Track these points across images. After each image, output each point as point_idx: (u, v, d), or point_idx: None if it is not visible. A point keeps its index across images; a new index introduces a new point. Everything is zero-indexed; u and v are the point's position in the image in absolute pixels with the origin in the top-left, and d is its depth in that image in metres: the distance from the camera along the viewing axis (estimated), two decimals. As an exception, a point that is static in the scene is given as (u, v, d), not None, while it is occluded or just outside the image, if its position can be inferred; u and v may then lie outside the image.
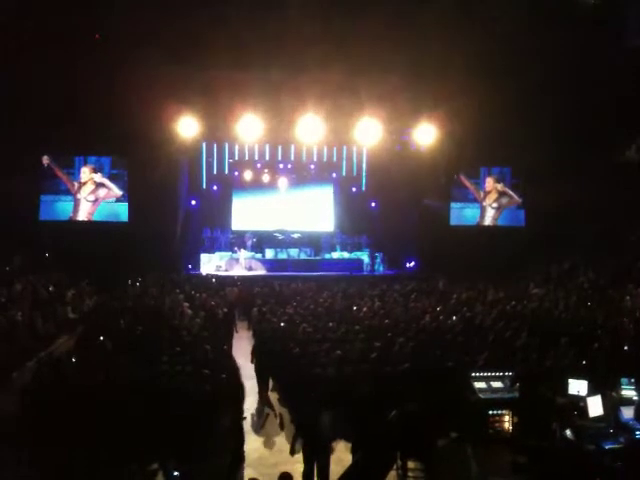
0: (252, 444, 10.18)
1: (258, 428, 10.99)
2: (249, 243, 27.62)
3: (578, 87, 21.87)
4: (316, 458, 8.17)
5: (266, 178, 28.46)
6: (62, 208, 25.14)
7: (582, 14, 20.48)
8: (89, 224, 24.98)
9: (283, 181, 28.40)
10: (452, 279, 22.60)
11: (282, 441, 10.20)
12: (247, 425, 10.93)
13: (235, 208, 29.10)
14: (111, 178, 25.34)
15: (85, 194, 25.23)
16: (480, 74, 21.01)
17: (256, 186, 28.64)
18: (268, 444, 10.15)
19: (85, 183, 25.19)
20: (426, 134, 23.19)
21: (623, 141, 25.34)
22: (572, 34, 20.33)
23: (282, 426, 11.09)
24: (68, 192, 25.15)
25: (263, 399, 12.44)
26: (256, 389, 12.61)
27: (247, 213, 29.17)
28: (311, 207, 29.60)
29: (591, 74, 21.84)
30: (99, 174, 25.25)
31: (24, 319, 15.53)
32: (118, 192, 25.25)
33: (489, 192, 27.51)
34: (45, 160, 24.60)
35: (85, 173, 25.19)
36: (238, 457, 9.48)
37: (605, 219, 23.62)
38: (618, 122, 23.84)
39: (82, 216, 25.23)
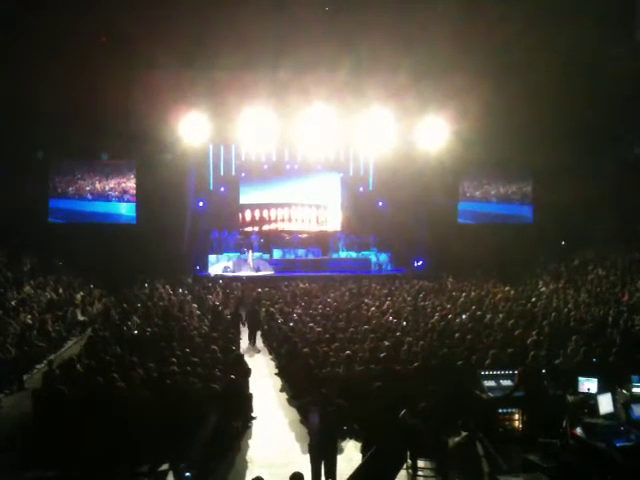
0: (262, 444, 10.19)
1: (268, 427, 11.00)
2: (256, 243, 27.65)
3: (587, 85, 21.78)
4: (324, 457, 8.17)
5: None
6: (72, 211, 25.29)
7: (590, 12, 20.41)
8: (98, 226, 25.13)
9: None
10: (460, 277, 22.56)
11: (292, 441, 10.21)
12: (257, 425, 10.94)
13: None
14: (120, 180, 25.56)
15: (96, 196, 25.49)
16: (488, 73, 20.98)
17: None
18: (278, 444, 10.15)
19: (95, 186, 25.43)
20: (433, 133, 23.17)
21: (632, 138, 25.26)
22: (580, 32, 20.25)
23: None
24: (78, 195, 25.33)
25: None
26: (268, 388, 12.94)
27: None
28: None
29: (600, 72, 21.77)
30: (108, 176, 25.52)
31: (34, 322, 15.63)
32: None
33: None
34: None
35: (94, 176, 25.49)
36: None
37: (615, 216, 23.50)
38: (627, 119, 23.76)
39: (94, 218, 25.45)
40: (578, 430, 7.88)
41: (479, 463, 9.08)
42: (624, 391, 9.42)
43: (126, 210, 25.81)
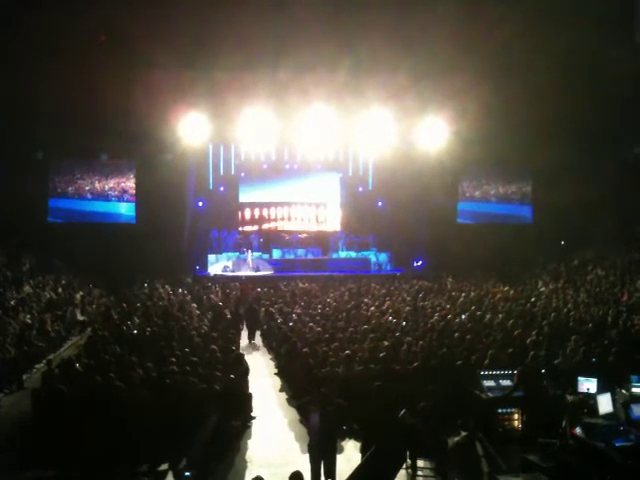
0: (262, 444, 10.19)
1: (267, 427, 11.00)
2: (255, 243, 27.63)
3: (587, 86, 21.79)
4: (323, 457, 8.18)
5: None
6: (71, 210, 25.29)
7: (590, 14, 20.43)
8: (97, 225, 25.12)
9: None
10: (460, 277, 22.56)
11: (292, 441, 10.21)
12: (257, 425, 10.94)
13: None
14: (119, 179, 25.56)
15: (96, 196, 25.49)
16: (488, 73, 20.99)
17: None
18: (278, 444, 10.15)
19: (95, 185, 25.45)
20: (433, 133, 23.18)
21: (632, 139, 25.28)
22: (580, 33, 20.26)
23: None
24: (78, 195, 25.33)
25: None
26: (267, 388, 12.99)
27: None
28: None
29: (600, 73, 21.78)
30: (108, 176, 25.53)
31: (34, 321, 15.63)
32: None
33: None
34: None
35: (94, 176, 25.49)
36: None
37: (615, 216, 23.52)
38: (627, 120, 23.77)
39: (93, 218, 25.44)
40: (577, 430, 7.88)
41: (478, 463, 9.08)
42: (623, 391, 9.42)
43: (126, 210, 25.81)
